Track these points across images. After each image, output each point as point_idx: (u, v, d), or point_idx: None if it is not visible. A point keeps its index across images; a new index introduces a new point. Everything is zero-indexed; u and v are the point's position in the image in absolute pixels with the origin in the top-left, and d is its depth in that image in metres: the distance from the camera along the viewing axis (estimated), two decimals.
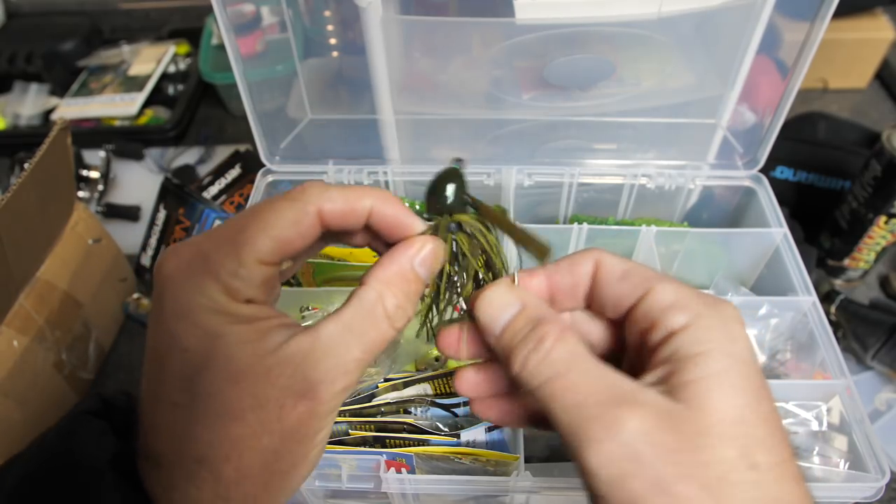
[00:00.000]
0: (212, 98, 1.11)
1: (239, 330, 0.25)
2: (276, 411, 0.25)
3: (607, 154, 0.69)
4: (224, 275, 0.25)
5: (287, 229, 0.26)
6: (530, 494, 0.49)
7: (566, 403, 0.24)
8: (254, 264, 0.26)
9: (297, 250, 0.27)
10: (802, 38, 0.58)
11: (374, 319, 0.27)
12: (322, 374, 0.25)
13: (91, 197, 0.94)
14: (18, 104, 1.08)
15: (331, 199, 0.27)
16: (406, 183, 0.70)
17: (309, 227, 0.27)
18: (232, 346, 0.25)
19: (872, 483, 0.47)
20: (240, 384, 0.25)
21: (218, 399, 0.25)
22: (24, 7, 1.27)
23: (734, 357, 0.24)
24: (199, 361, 0.25)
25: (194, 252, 0.26)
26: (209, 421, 0.25)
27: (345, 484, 0.49)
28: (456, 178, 0.31)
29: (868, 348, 0.69)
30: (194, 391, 0.25)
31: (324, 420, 0.26)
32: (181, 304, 0.25)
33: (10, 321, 0.61)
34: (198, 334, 0.25)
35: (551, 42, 0.59)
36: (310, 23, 0.66)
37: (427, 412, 0.53)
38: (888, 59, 1.04)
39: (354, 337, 0.26)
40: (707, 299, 0.26)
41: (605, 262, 0.29)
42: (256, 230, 0.26)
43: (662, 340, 0.25)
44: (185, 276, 0.26)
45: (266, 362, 0.25)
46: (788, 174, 0.85)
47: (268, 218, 0.26)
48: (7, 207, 0.55)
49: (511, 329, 0.27)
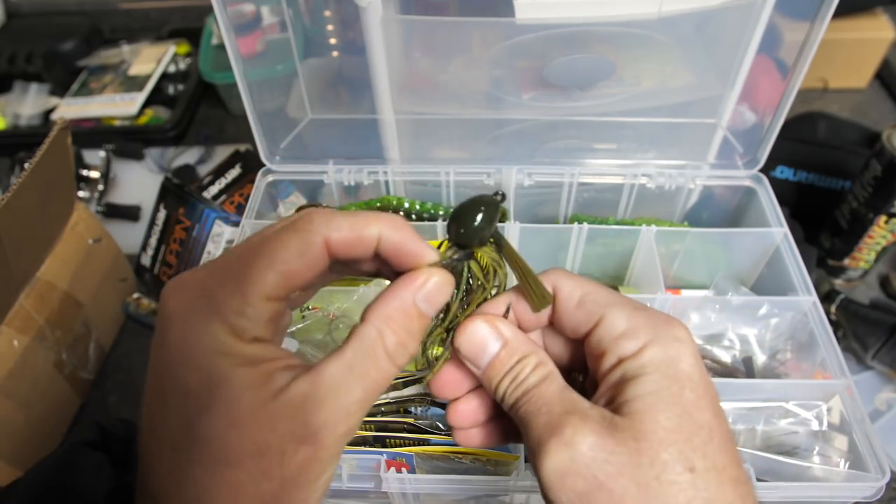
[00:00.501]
0: (212, 98, 1.11)
1: (242, 373, 0.24)
2: (278, 458, 0.24)
3: (607, 154, 0.69)
4: (230, 314, 0.25)
5: (293, 262, 0.26)
6: (530, 494, 0.49)
7: (530, 419, 0.27)
8: (260, 301, 0.25)
9: (305, 282, 0.27)
10: (802, 37, 0.58)
11: (374, 358, 0.26)
12: (324, 418, 0.24)
13: (91, 197, 0.94)
14: (18, 104, 1.08)
15: (338, 227, 0.26)
16: (406, 182, 0.70)
17: (316, 258, 0.26)
18: (234, 391, 0.24)
19: (872, 483, 0.47)
20: (241, 430, 0.24)
21: (218, 444, 0.24)
22: (24, 7, 1.27)
23: (673, 377, 0.26)
24: (200, 405, 0.24)
25: (199, 288, 0.25)
26: (208, 466, 0.24)
27: (345, 483, 0.49)
28: (494, 212, 0.29)
29: (868, 348, 0.69)
30: (194, 435, 0.24)
31: (326, 464, 0.25)
32: (185, 344, 0.25)
33: (10, 321, 0.61)
34: (201, 377, 0.24)
35: (551, 42, 0.59)
36: (310, 22, 0.66)
37: (427, 411, 0.53)
38: (888, 58, 1.04)
39: (356, 378, 0.25)
40: (657, 321, 0.28)
41: (562, 287, 0.30)
42: (262, 265, 0.25)
43: (612, 367, 0.28)
44: (189, 313, 0.25)
45: (268, 408, 0.24)
46: (789, 174, 0.85)
47: (273, 251, 0.26)
48: (7, 207, 0.55)
49: (495, 366, 0.29)
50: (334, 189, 0.71)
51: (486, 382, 0.29)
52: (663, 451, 0.24)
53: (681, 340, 0.27)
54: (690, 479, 0.24)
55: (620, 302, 0.29)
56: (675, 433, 0.25)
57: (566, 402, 0.27)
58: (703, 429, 0.25)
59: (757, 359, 0.61)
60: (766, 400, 0.55)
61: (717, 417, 0.26)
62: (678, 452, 0.25)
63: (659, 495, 0.24)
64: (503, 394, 0.29)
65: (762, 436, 0.54)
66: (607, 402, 0.27)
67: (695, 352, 0.27)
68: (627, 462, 0.24)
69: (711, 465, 0.25)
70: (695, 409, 0.26)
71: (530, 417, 0.27)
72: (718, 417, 0.26)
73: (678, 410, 0.25)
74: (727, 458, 0.25)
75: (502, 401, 0.29)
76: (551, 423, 0.26)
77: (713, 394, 0.27)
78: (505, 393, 0.28)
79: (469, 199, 0.29)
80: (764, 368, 0.60)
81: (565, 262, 0.68)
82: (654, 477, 0.24)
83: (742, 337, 0.61)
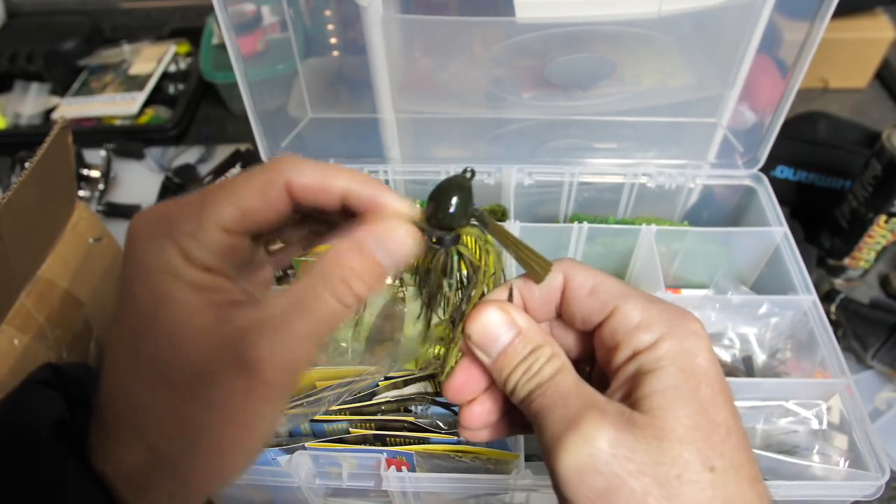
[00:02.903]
0: (212, 97, 1.11)
1: (187, 296, 0.25)
2: (213, 385, 0.24)
3: (608, 153, 0.69)
4: (183, 238, 0.25)
5: (252, 198, 0.26)
6: (530, 493, 0.49)
7: (546, 413, 0.26)
8: (214, 229, 0.25)
9: (264, 221, 0.27)
10: (802, 37, 0.58)
11: (319, 293, 0.25)
12: (264, 349, 0.24)
13: (92, 196, 0.94)
14: (19, 103, 1.08)
15: (301, 171, 0.26)
16: (407, 182, 0.70)
17: (276, 199, 0.26)
18: (177, 313, 0.24)
19: (872, 482, 0.47)
20: (178, 351, 0.24)
21: (157, 364, 0.24)
22: (25, 6, 1.27)
23: (690, 371, 0.26)
24: (146, 323, 0.25)
25: (161, 213, 0.26)
26: (148, 384, 0.25)
27: (345, 482, 0.49)
28: (462, 190, 0.28)
29: (868, 347, 0.69)
30: (139, 351, 0.25)
31: (265, 402, 0.25)
32: (139, 263, 0.25)
33: (10, 320, 0.61)
34: (149, 295, 0.25)
35: (552, 41, 0.59)
36: (310, 22, 0.66)
37: (427, 410, 0.53)
38: (888, 58, 1.04)
39: (300, 310, 0.25)
40: (671, 315, 0.27)
41: (574, 276, 0.29)
42: (221, 196, 0.26)
43: (626, 360, 0.27)
44: (147, 236, 0.25)
45: (209, 333, 0.24)
46: (789, 173, 0.85)
47: (235, 186, 0.26)
48: (8, 206, 0.55)
49: (507, 355, 0.28)
50: None
51: (497, 373, 0.28)
52: (684, 450, 0.24)
53: (696, 334, 0.27)
54: (711, 478, 0.24)
55: (634, 293, 0.28)
56: (695, 431, 0.24)
57: (583, 396, 0.26)
58: (721, 427, 0.25)
59: (757, 358, 0.61)
60: (766, 399, 0.55)
61: (733, 415, 0.26)
62: (698, 451, 0.24)
63: (680, 494, 0.24)
64: (515, 385, 0.28)
65: (762, 435, 0.55)
66: (623, 396, 0.26)
67: (709, 346, 0.27)
68: (648, 460, 0.24)
69: (730, 464, 0.24)
70: (712, 406, 0.25)
71: (546, 411, 0.26)
72: (734, 415, 0.26)
73: (697, 407, 0.25)
74: (744, 456, 0.25)
75: (513, 392, 0.28)
76: (568, 418, 0.25)
77: (728, 390, 0.26)
78: (517, 384, 0.27)
79: (440, 184, 0.29)
80: (764, 367, 0.60)
81: None
82: (675, 476, 0.24)
83: (742, 336, 0.61)
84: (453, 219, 0.28)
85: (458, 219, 0.28)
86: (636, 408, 0.25)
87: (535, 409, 0.27)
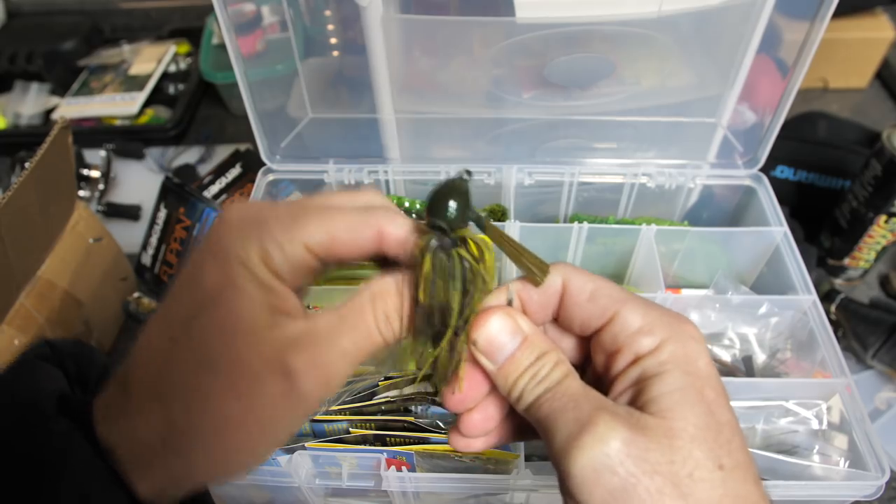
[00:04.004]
0: (212, 97, 1.11)
1: (254, 291, 0.26)
2: (252, 381, 0.25)
3: (608, 153, 0.69)
4: (269, 242, 0.26)
5: (345, 232, 0.27)
6: (530, 493, 0.49)
7: (556, 416, 0.26)
8: (300, 246, 0.26)
9: (346, 256, 0.28)
10: (802, 37, 0.58)
11: (364, 318, 0.27)
12: (307, 359, 0.25)
13: (92, 196, 0.94)
14: (19, 103, 1.08)
15: (397, 225, 0.27)
16: (406, 182, 0.71)
17: (365, 241, 0.27)
18: (239, 301, 0.25)
19: (872, 481, 0.47)
20: (229, 340, 0.25)
21: (204, 345, 0.25)
22: (24, 6, 1.27)
23: (693, 374, 0.26)
24: (205, 302, 0.26)
25: (256, 213, 0.27)
26: (187, 363, 0.25)
27: (345, 482, 0.49)
28: (461, 193, 0.28)
29: (868, 347, 0.69)
30: (190, 326, 0.25)
31: (296, 408, 0.26)
32: (219, 245, 0.26)
33: (10, 320, 0.61)
34: (218, 276, 0.26)
35: (551, 41, 0.59)
36: (310, 22, 0.66)
37: (427, 410, 0.53)
38: (888, 58, 1.04)
39: (345, 329, 0.26)
40: (670, 319, 0.28)
41: (572, 280, 0.29)
42: (317, 218, 0.27)
43: (629, 364, 0.27)
44: (236, 226, 0.26)
45: (261, 332, 0.25)
46: (789, 173, 0.85)
47: (332, 212, 0.27)
48: (8, 206, 0.55)
49: (514, 361, 0.28)
50: (335, 188, 0.71)
51: (502, 379, 0.28)
52: (695, 449, 0.25)
53: (695, 339, 0.27)
54: (721, 476, 0.25)
55: (633, 298, 0.28)
56: (704, 431, 0.25)
57: (592, 399, 0.26)
58: (726, 427, 0.26)
59: (757, 358, 0.61)
60: (766, 399, 0.55)
61: (734, 417, 0.26)
62: (708, 450, 0.25)
63: (693, 492, 0.24)
64: (521, 391, 0.28)
65: (762, 434, 0.55)
66: (629, 400, 0.27)
67: (707, 351, 0.27)
68: (661, 459, 0.24)
69: (736, 463, 0.25)
70: (717, 408, 0.26)
71: (556, 414, 0.26)
72: (735, 416, 0.27)
73: (703, 409, 0.25)
74: (747, 456, 0.26)
75: (519, 398, 0.28)
76: (581, 419, 0.25)
77: (727, 393, 0.27)
78: (524, 390, 0.28)
79: (437, 186, 0.29)
80: (764, 367, 0.60)
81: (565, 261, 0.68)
82: (687, 474, 0.24)
83: (742, 336, 0.61)
84: (452, 221, 0.28)
85: (457, 221, 0.28)
86: (645, 410, 0.26)
87: (544, 413, 0.27)
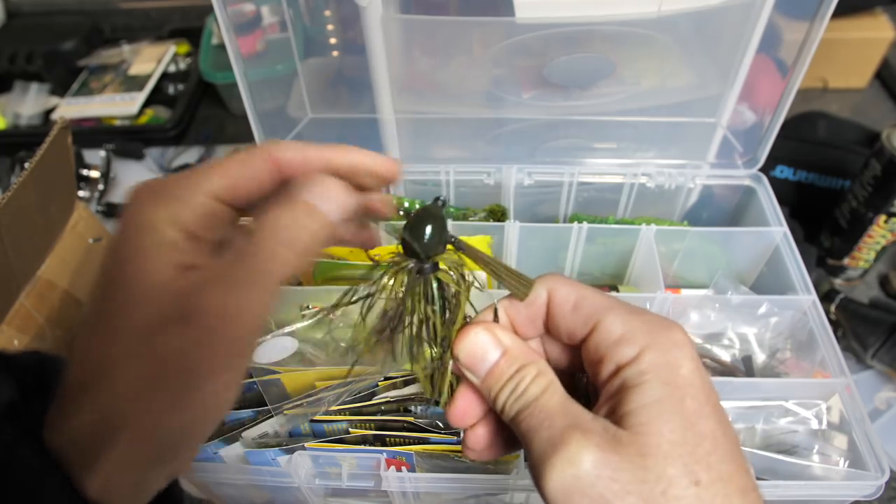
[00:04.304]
0: (212, 97, 1.11)
1: (159, 252, 0.26)
2: (164, 337, 0.24)
3: (607, 153, 0.70)
4: (171, 200, 0.27)
5: (236, 167, 0.28)
6: (530, 493, 0.49)
7: (532, 434, 0.26)
8: (201, 194, 0.27)
9: (247, 191, 0.28)
10: (802, 37, 0.58)
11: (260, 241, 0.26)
12: (207, 300, 0.25)
13: (91, 196, 0.94)
14: (19, 104, 1.08)
15: (285, 147, 0.29)
16: (406, 182, 0.70)
17: (259, 169, 0.29)
18: (144, 264, 0.25)
19: (872, 481, 0.47)
20: (133, 306, 0.25)
21: (114, 319, 0.25)
22: (24, 7, 1.27)
23: (674, 384, 0.26)
24: (116, 275, 0.26)
25: (160, 183, 0.28)
26: (102, 344, 0.25)
27: (345, 482, 0.49)
28: (436, 219, 0.29)
29: (868, 347, 0.69)
30: (104, 306, 0.26)
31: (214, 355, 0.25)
32: (129, 219, 0.27)
33: (10, 320, 0.61)
34: (127, 250, 0.26)
35: (551, 41, 0.59)
36: (310, 22, 0.66)
37: (427, 410, 0.53)
38: (888, 58, 1.04)
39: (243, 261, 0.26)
40: (654, 326, 0.27)
41: (557, 291, 0.29)
42: (210, 168, 0.28)
43: (611, 375, 0.27)
44: (141, 197, 0.27)
45: (164, 286, 0.25)
46: (788, 173, 0.85)
47: (222, 160, 0.29)
48: (8, 206, 0.55)
49: (494, 374, 0.28)
50: None
51: (486, 392, 0.29)
52: (669, 466, 0.24)
53: (679, 345, 0.27)
54: (696, 492, 0.24)
55: (615, 306, 0.28)
56: (680, 446, 0.24)
57: (568, 416, 0.26)
58: (707, 439, 0.25)
59: (756, 358, 0.61)
60: (765, 399, 0.55)
61: (720, 424, 0.26)
62: (683, 466, 0.24)
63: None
64: (503, 405, 0.28)
65: (762, 434, 0.55)
66: (608, 412, 0.27)
67: (694, 356, 0.27)
68: (633, 479, 0.24)
69: (717, 476, 0.24)
70: (697, 419, 0.25)
71: (532, 433, 0.26)
72: (722, 424, 0.26)
73: (681, 421, 0.25)
74: (732, 467, 0.25)
75: (502, 412, 0.28)
76: (553, 439, 0.25)
77: (715, 400, 0.26)
78: (505, 404, 0.28)
79: (412, 215, 0.30)
80: (763, 367, 0.60)
81: (565, 261, 0.68)
82: (660, 493, 0.24)
83: (742, 336, 0.61)
84: (429, 248, 0.29)
85: (434, 247, 0.29)
86: (621, 424, 0.25)
87: (523, 430, 0.27)
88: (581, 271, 0.70)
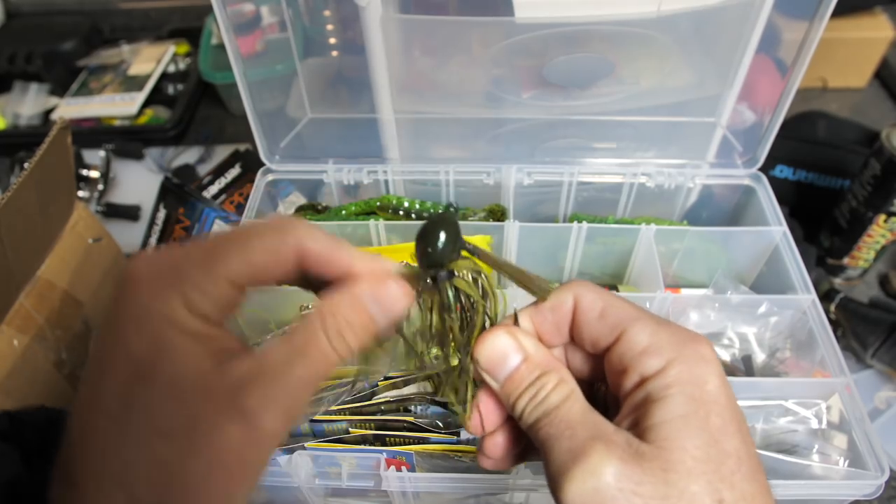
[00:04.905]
0: (212, 97, 1.11)
1: (189, 346, 0.24)
2: (209, 433, 0.23)
3: (607, 153, 0.70)
4: (189, 287, 0.24)
5: (263, 255, 0.26)
6: (530, 493, 0.49)
7: (552, 443, 0.26)
8: (222, 282, 0.25)
9: (271, 280, 0.27)
10: (802, 37, 0.58)
11: (316, 341, 0.26)
12: (261, 395, 0.24)
13: (91, 196, 0.94)
14: (18, 104, 1.08)
15: (315, 239, 0.26)
16: (406, 182, 0.70)
17: (286, 261, 0.26)
18: (178, 363, 0.24)
19: (872, 481, 0.47)
20: (176, 401, 0.24)
21: (152, 415, 0.23)
22: (24, 7, 1.27)
23: (700, 400, 0.25)
24: (142, 371, 0.24)
25: (166, 260, 0.25)
26: (138, 437, 0.23)
27: (345, 482, 0.49)
28: (448, 225, 0.29)
29: (868, 347, 0.69)
30: (131, 403, 0.24)
31: (260, 451, 0.24)
32: (138, 308, 0.24)
33: (10, 320, 0.61)
34: (147, 343, 0.24)
35: (551, 41, 0.59)
36: (309, 22, 0.66)
37: (427, 410, 0.53)
38: (888, 58, 1.04)
39: (297, 356, 0.25)
40: (681, 338, 0.27)
41: (583, 298, 0.29)
42: (232, 250, 0.25)
43: (635, 386, 0.26)
44: (150, 281, 0.25)
45: (209, 382, 0.24)
46: (788, 173, 0.85)
47: (246, 240, 0.26)
48: (7, 207, 0.55)
49: (514, 380, 0.28)
50: (334, 188, 0.71)
51: (504, 398, 0.28)
52: (692, 483, 0.24)
53: (706, 359, 0.26)
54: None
55: (642, 316, 0.27)
56: (704, 463, 0.24)
57: (589, 426, 0.26)
58: (731, 457, 0.25)
59: (756, 357, 0.61)
60: (765, 398, 0.55)
61: (744, 443, 0.25)
62: (707, 483, 0.24)
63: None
64: (521, 411, 0.27)
65: (762, 434, 0.55)
66: (631, 424, 0.26)
67: (720, 372, 0.26)
68: (655, 494, 0.23)
69: (740, 495, 0.24)
70: (722, 436, 0.25)
71: (552, 441, 0.26)
72: (746, 443, 0.25)
73: (706, 438, 0.24)
74: (755, 486, 0.25)
75: (520, 419, 0.28)
76: (574, 449, 0.25)
77: (740, 417, 0.26)
78: (524, 411, 0.27)
79: (426, 221, 0.29)
80: (763, 367, 0.60)
81: (565, 261, 0.68)
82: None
83: (741, 335, 0.61)
84: (443, 255, 0.29)
85: (447, 254, 0.29)
86: (644, 438, 0.25)
87: (542, 438, 0.26)
88: (581, 271, 0.70)
